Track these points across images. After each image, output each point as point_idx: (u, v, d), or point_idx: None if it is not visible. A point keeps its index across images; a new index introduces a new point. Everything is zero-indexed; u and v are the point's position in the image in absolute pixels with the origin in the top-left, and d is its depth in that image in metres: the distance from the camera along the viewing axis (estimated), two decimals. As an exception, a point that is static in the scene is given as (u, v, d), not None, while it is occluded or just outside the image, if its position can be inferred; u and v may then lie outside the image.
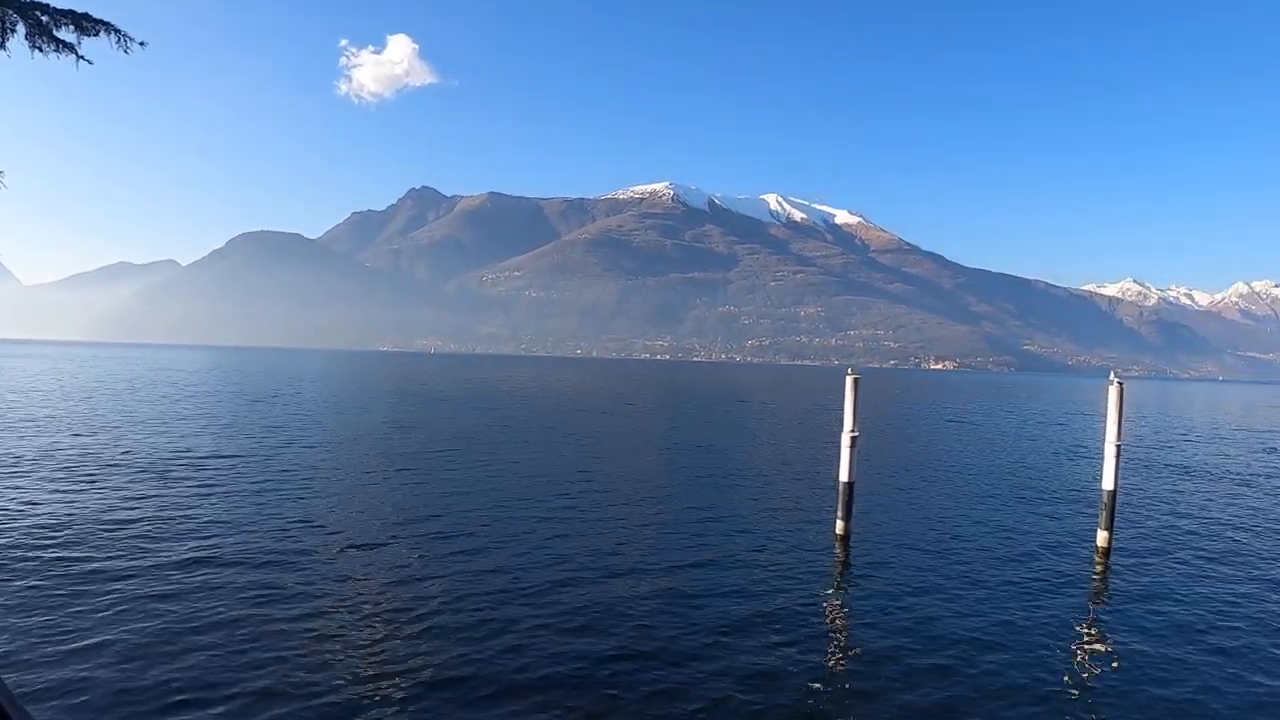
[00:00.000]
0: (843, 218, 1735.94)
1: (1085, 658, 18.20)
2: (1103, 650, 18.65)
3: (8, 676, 13.31)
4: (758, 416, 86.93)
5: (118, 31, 20.81)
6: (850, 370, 28.92)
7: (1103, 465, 27.82)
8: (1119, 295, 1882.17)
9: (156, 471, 34.46)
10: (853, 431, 27.31)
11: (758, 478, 42.12)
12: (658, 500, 34.26)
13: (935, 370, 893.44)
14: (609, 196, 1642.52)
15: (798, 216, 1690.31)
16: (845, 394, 27.77)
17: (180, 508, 27.46)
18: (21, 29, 20.04)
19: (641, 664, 16.46)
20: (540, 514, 29.78)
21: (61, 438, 44.51)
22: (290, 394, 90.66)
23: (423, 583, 20.67)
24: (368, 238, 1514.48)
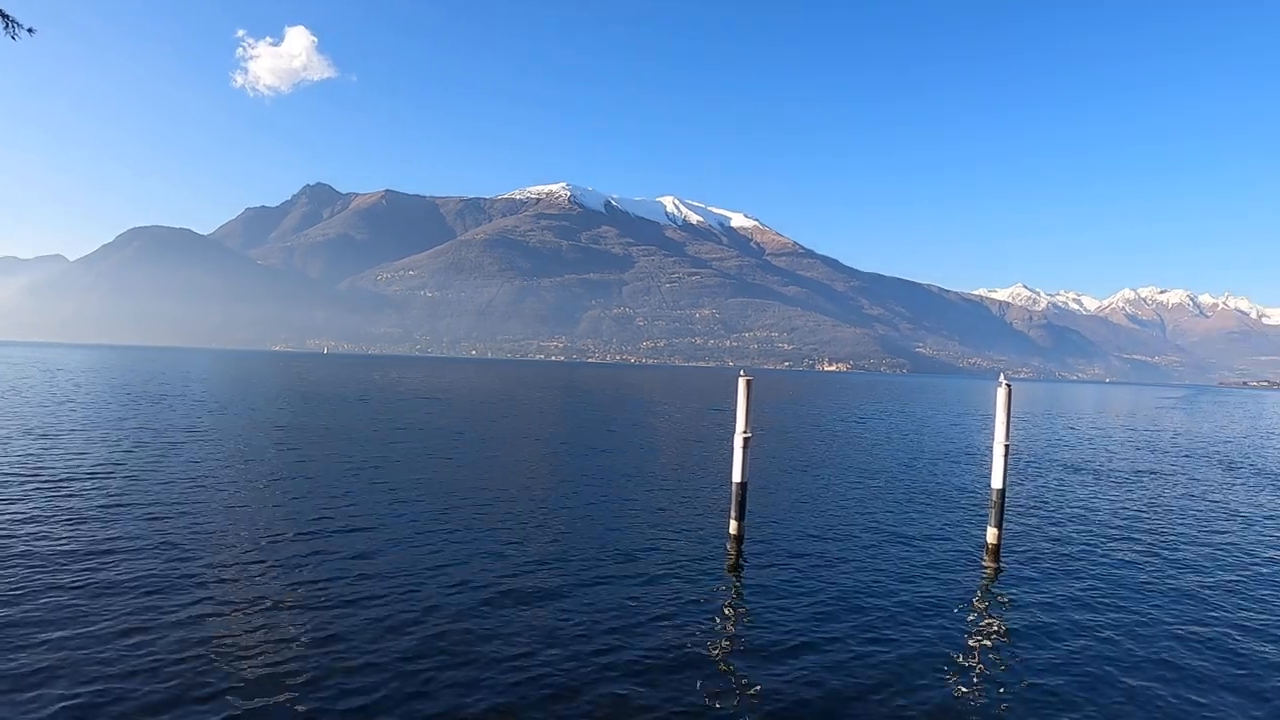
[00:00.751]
0: (738, 221, 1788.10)
1: (976, 651, 19.11)
2: (993, 644, 19.67)
3: None
4: (652, 418, 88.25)
5: (5, 17, 20.47)
6: (743, 372, 29.38)
7: (992, 464, 28.24)
8: (1009, 300, 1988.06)
9: (35, 481, 33.25)
10: (745, 432, 27.69)
11: (651, 479, 42.37)
12: (551, 503, 34.24)
13: (829, 372, 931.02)
14: (506, 196, 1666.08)
15: (694, 219, 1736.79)
16: (738, 395, 28.08)
17: (61, 520, 26.67)
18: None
19: (537, 665, 16.83)
20: (433, 520, 29.64)
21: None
22: (178, 396, 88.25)
23: (312, 591, 20.65)
24: (261, 234, 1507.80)
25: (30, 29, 21.30)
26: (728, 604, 21.64)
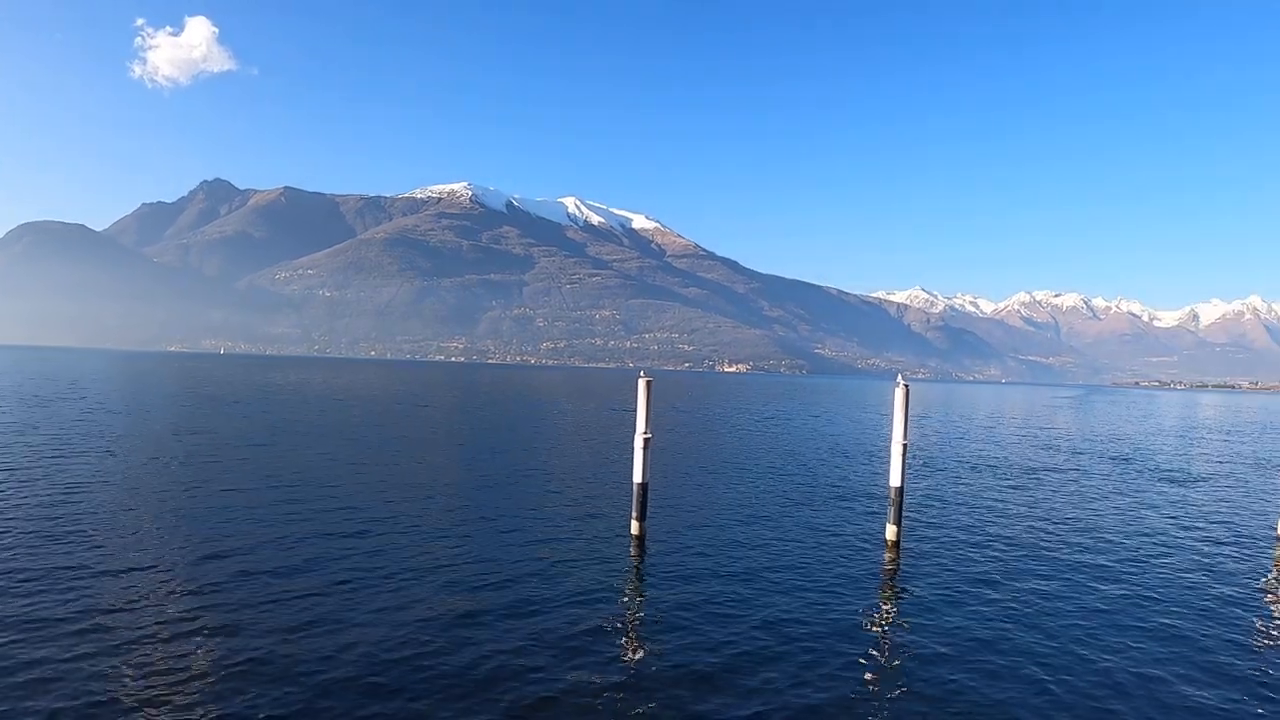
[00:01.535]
0: (640, 222, 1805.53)
1: (876, 644, 19.59)
2: (892, 636, 20.23)
3: None
4: (553, 419, 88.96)
5: None
6: (643, 373, 29.70)
7: (890, 463, 28.87)
8: (908, 302, 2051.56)
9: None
10: (646, 433, 27.94)
11: (553, 480, 42.62)
12: (452, 505, 34.31)
13: (729, 373, 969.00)
14: (407, 195, 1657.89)
15: (595, 220, 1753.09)
16: (638, 396, 28.29)
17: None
18: None
19: (433, 671, 16.84)
20: (332, 528, 29.13)
21: None
22: (68, 399, 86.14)
23: (201, 602, 20.40)
24: (157, 231, 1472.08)
25: None
26: (630, 607, 22.03)
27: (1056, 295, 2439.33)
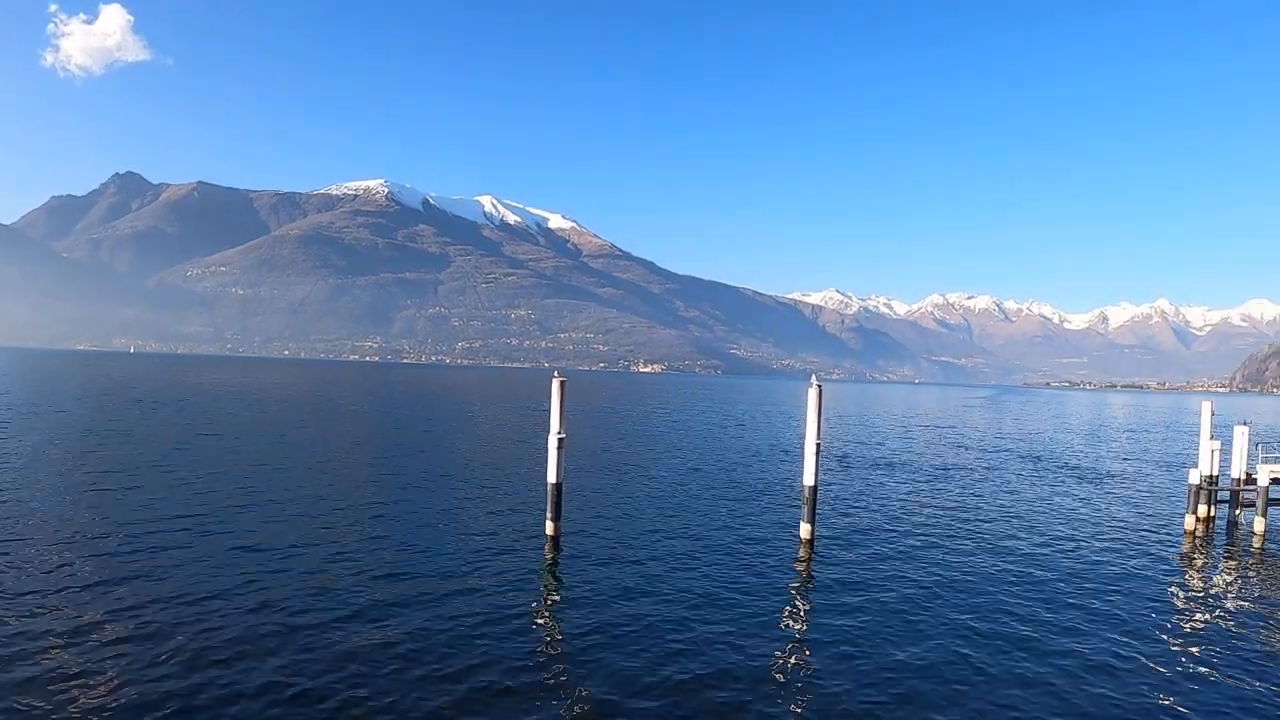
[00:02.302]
0: (556, 222, 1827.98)
1: (792, 637, 20.09)
2: (807, 628, 20.79)
3: None
4: (468, 420, 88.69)
5: None
6: (557, 373, 29.93)
7: (804, 463, 29.22)
8: (823, 304, 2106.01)
9: None
10: (560, 433, 28.18)
11: (468, 482, 42.90)
12: (365, 508, 34.22)
13: (645, 373, 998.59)
14: (322, 192, 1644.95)
15: (512, 219, 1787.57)
16: (552, 396, 28.55)
17: None
18: None
19: (348, 670, 16.87)
20: (248, 530, 28.83)
21: None
22: None
23: (102, 604, 20.28)
24: (67, 225, 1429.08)
25: None
26: (545, 606, 22.28)
27: (969, 297, 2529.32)
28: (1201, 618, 26.28)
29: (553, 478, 29.75)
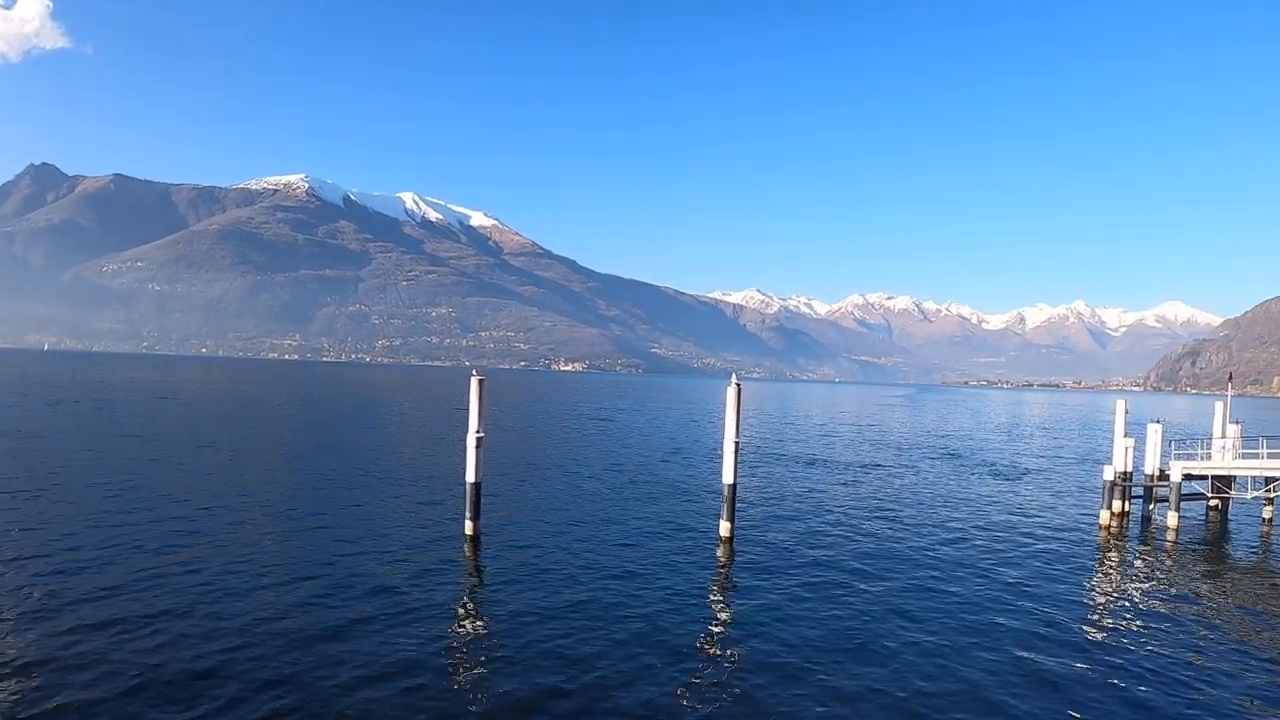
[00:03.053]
0: (478, 219, 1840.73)
1: (707, 629, 20.52)
2: (722, 629, 21.03)
3: None
4: (387, 419, 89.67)
5: None
6: (475, 371, 29.94)
7: (723, 461, 29.41)
8: (744, 303, 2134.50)
9: None
10: (479, 432, 28.10)
11: (387, 481, 42.95)
12: (281, 508, 33.93)
13: (565, 371, 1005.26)
14: (241, 186, 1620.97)
15: (433, 216, 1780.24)
16: (470, 395, 28.54)
17: None
18: None
19: (254, 670, 16.93)
20: (154, 527, 28.84)
21: None
22: None
23: (10, 609, 20.29)
24: None
25: None
26: (465, 606, 22.24)
27: (889, 298, 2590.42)
28: (1114, 608, 27.22)
29: (472, 477, 30.15)
